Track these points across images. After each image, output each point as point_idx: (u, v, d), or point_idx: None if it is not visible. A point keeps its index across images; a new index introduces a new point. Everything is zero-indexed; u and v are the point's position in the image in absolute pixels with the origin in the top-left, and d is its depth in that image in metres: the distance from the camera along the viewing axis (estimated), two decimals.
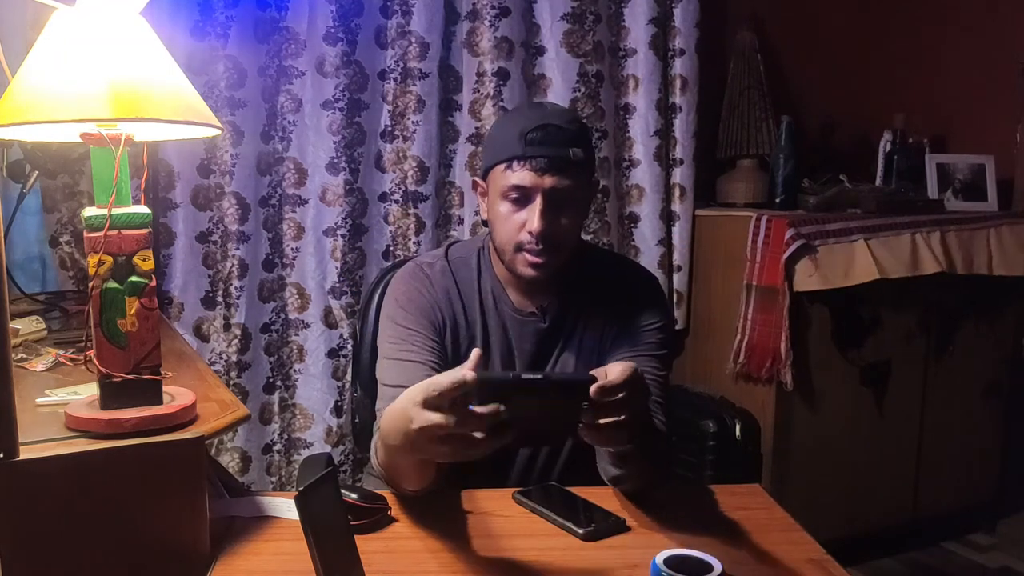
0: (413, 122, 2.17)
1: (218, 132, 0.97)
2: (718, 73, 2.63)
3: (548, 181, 1.16)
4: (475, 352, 0.90)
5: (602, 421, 0.90)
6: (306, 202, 2.13)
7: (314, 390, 2.16)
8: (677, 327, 2.54)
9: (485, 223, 1.29)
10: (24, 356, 1.23)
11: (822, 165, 2.69)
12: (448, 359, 1.25)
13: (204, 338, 2.05)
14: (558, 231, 1.19)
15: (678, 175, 2.51)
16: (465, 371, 0.86)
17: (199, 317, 2.04)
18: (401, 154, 2.19)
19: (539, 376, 0.83)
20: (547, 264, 1.20)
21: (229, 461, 2.07)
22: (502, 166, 1.19)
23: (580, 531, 1.04)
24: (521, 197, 1.18)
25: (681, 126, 2.49)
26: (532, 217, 1.17)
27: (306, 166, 2.12)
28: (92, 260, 0.89)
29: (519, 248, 1.20)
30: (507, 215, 1.20)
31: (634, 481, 1.15)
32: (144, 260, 0.92)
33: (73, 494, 0.86)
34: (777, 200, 2.45)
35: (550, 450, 1.31)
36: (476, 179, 1.30)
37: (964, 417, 2.54)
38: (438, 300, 1.27)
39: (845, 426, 2.35)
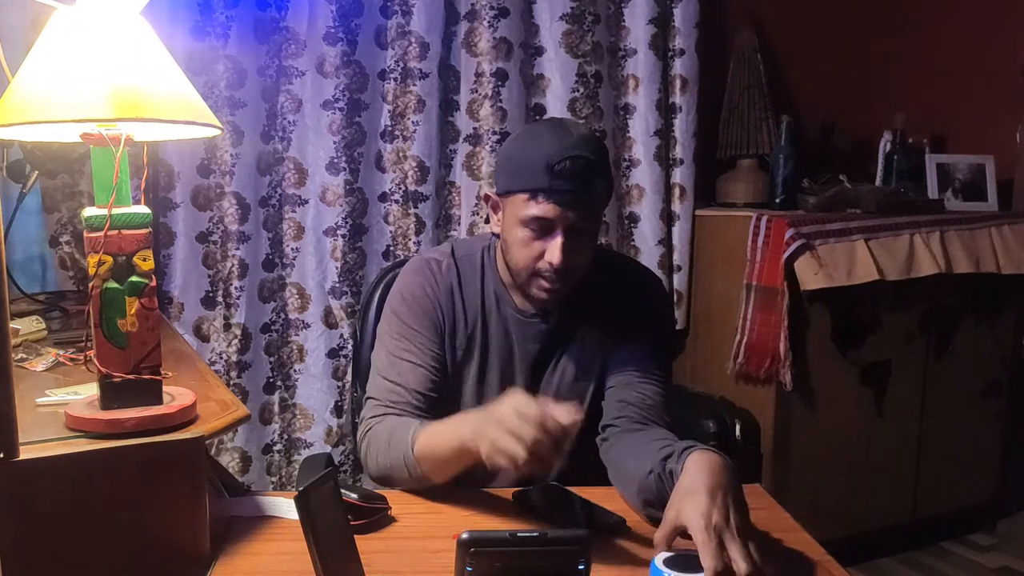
0: (413, 122, 2.17)
1: (218, 132, 0.97)
2: (718, 73, 2.63)
3: (571, 216, 1.15)
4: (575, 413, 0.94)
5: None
6: (306, 202, 2.13)
7: (314, 390, 2.16)
8: (677, 327, 2.54)
9: (496, 235, 1.29)
10: (24, 356, 1.23)
11: (822, 165, 2.69)
12: (446, 358, 1.26)
13: (204, 338, 2.05)
14: (576, 261, 1.19)
15: (678, 175, 2.51)
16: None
17: (199, 317, 2.04)
18: (401, 154, 2.19)
19: (535, 534, 0.83)
20: (562, 290, 1.21)
21: (229, 461, 2.07)
22: (524, 195, 1.17)
23: (580, 531, 1.04)
24: (541, 227, 1.17)
25: (681, 126, 2.49)
26: (553, 250, 1.16)
27: (306, 166, 2.12)
28: (92, 260, 0.89)
29: (535, 274, 1.20)
30: (525, 242, 1.19)
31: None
32: (144, 260, 0.91)
33: (73, 494, 0.86)
34: (777, 200, 2.45)
35: None
36: (489, 193, 1.28)
37: (964, 417, 2.54)
38: (441, 299, 1.28)
39: (845, 426, 2.35)
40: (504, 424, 0.95)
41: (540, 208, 1.15)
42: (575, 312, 1.29)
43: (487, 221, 1.36)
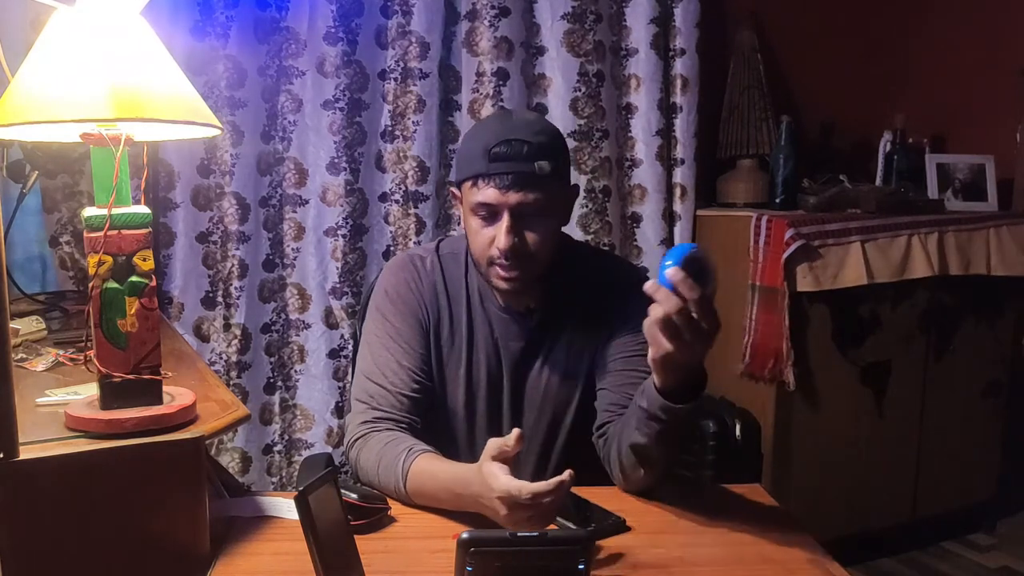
0: (413, 122, 2.17)
1: (218, 132, 0.97)
2: (718, 73, 2.63)
3: (513, 198, 1.15)
4: (516, 432, 0.97)
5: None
6: (307, 202, 2.13)
7: (315, 391, 2.16)
8: None
9: None
10: (24, 356, 1.23)
11: (822, 165, 2.68)
12: (432, 356, 1.27)
13: (204, 338, 2.05)
14: (528, 245, 1.18)
15: (679, 175, 2.51)
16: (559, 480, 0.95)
17: (199, 317, 2.04)
18: (401, 154, 2.19)
19: (535, 534, 0.83)
20: (520, 278, 1.20)
21: (229, 461, 2.07)
22: (469, 183, 1.19)
23: (580, 531, 1.04)
24: (488, 214, 1.18)
25: (682, 126, 2.49)
26: (499, 234, 1.17)
27: (307, 166, 2.12)
28: (92, 260, 0.89)
29: (491, 262, 1.20)
30: (477, 230, 1.20)
31: (650, 459, 1.14)
32: (144, 260, 0.91)
33: (73, 494, 0.86)
34: (777, 200, 2.45)
35: (542, 448, 1.31)
36: (452, 189, 1.30)
37: (964, 417, 2.54)
38: (425, 296, 1.28)
39: (845, 426, 2.35)
40: (511, 519, 0.96)
41: (482, 193, 1.17)
42: (558, 311, 1.29)
43: None
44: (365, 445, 1.18)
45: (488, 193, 1.16)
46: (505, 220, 1.16)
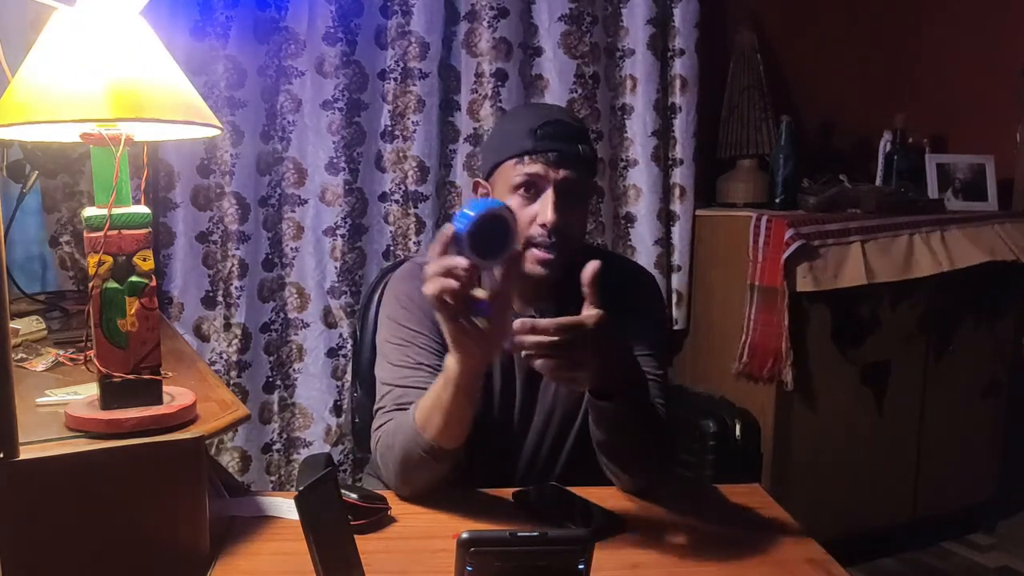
0: (413, 122, 2.17)
1: (218, 132, 0.97)
2: (718, 73, 2.63)
3: (560, 173, 1.17)
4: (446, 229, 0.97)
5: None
6: (306, 202, 2.13)
7: (314, 390, 2.16)
8: (677, 327, 2.54)
9: None
10: (24, 356, 1.23)
11: (822, 165, 2.69)
12: None
13: (204, 338, 2.05)
14: (568, 225, 1.19)
15: (678, 175, 2.51)
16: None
17: (199, 317, 2.04)
18: (401, 154, 2.19)
19: (535, 534, 0.83)
20: (556, 261, 1.20)
21: (229, 461, 2.07)
22: (512, 161, 1.19)
23: (580, 531, 1.04)
24: (532, 191, 1.19)
25: (681, 126, 2.49)
26: (545, 209, 1.17)
27: (306, 166, 2.12)
28: (92, 260, 0.89)
29: (529, 244, 1.19)
30: (516, 210, 1.18)
31: (618, 452, 1.15)
32: (144, 260, 0.91)
33: (73, 494, 0.86)
34: (777, 200, 2.45)
35: (551, 450, 1.31)
36: (477, 180, 1.29)
37: (964, 417, 2.54)
38: None
39: (845, 426, 2.35)
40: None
41: (529, 168, 1.18)
42: (568, 313, 1.28)
43: None
44: (383, 430, 1.16)
45: (535, 167, 1.18)
46: (550, 195, 1.17)
